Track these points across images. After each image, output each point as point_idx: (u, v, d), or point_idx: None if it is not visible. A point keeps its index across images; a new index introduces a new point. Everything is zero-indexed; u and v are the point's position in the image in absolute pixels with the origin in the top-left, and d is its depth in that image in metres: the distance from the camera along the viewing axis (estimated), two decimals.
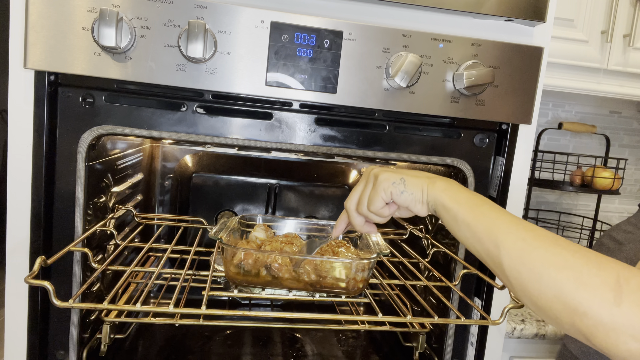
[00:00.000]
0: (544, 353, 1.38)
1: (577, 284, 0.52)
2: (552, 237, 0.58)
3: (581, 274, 0.52)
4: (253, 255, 0.85)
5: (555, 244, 0.56)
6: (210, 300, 0.83)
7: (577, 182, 1.85)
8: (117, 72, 0.84)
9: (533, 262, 0.56)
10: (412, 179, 0.72)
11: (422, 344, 1.12)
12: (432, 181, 0.71)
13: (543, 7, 0.92)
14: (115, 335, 1.05)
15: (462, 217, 0.65)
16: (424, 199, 0.71)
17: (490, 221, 0.62)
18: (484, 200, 0.66)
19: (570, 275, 0.53)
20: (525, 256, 0.57)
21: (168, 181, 1.42)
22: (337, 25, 0.88)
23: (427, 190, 0.70)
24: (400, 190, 0.71)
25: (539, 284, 0.55)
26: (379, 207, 0.73)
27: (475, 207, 0.65)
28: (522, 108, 0.97)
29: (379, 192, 0.72)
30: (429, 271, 1.17)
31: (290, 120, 0.94)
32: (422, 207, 0.71)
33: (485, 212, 0.63)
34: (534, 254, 0.56)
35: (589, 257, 0.54)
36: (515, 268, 0.57)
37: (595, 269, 0.52)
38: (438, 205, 0.68)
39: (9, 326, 0.89)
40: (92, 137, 0.88)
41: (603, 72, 1.58)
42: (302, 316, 0.89)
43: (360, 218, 0.78)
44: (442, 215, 0.68)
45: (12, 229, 0.88)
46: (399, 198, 0.71)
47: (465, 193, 0.68)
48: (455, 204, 0.66)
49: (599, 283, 0.51)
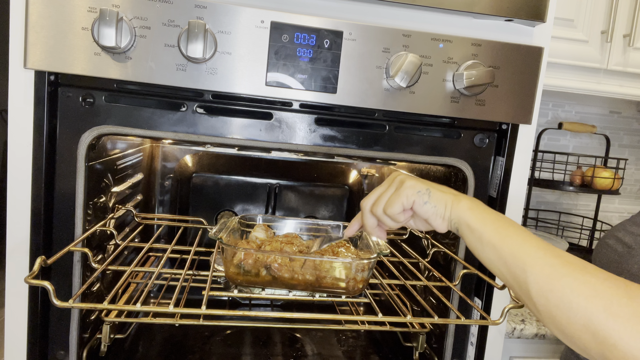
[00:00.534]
0: (544, 353, 1.38)
1: (607, 314, 0.51)
2: (581, 264, 0.56)
3: (611, 304, 0.51)
4: (253, 255, 0.85)
5: (584, 271, 0.55)
6: (210, 300, 0.82)
7: (577, 182, 1.85)
8: (117, 72, 0.84)
9: (562, 290, 0.54)
10: (438, 192, 0.70)
11: (422, 344, 1.12)
12: (458, 199, 0.69)
13: (543, 7, 0.92)
14: (115, 335, 1.05)
15: (487, 239, 0.63)
16: (446, 215, 0.69)
17: (517, 244, 0.60)
18: (510, 222, 0.64)
19: (600, 305, 0.51)
20: (553, 283, 0.55)
21: (168, 181, 1.42)
22: (337, 25, 0.88)
23: (451, 206, 0.69)
24: (424, 201, 0.70)
25: (568, 312, 0.53)
26: (397, 211, 0.71)
27: (501, 229, 0.63)
28: (522, 108, 0.97)
29: (401, 196, 0.71)
30: (429, 271, 1.17)
31: (290, 120, 0.94)
32: (443, 222, 0.69)
33: (512, 235, 0.62)
34: (563, 281, 0.55)
35: (619, 285, 0.52)
36: (543, 295, 0.56)
37: (626, 299, 0.51)
38: (462, 224, 0.67)
39: (9, 326, 0.89)
40: (92, 137, 0.88)
41: (603, 72, 1.58)
42: (302, 316, 0.89)
43: (373, 220, 0.76)
44: (466, 234, 0.67)
45: (12, 229, 0.88)
46: (420, 208, 0.70)
47: (492, 214, 0.66)
48: (481, 224, 0.65)
49: (630, 314, 0.50)
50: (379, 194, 0.75)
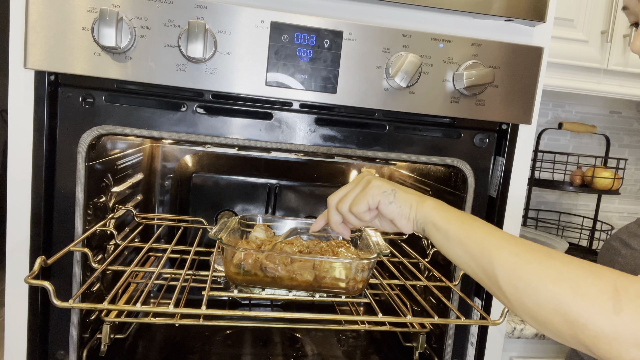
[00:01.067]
0: (544, 353, 1.38)
1: (575, 295, 0.51)
2: (545, 250, 0.57)
3: (578, 285, 0.51)
4: (253, 255, 0.85)
5: (549, 257, 0.56)
6: (210, 300, 0.83)
7: (577, 182, 1.85)
8: (117, 72, 0.84)
9: (529, 276, 0.55)
10: (403, 193, 0.72)
11: (422, 344, 1.12)
12: (422, 199, 0.71)
13: (543, 7, 0.92)
14: (115, 335, 1.05)
15: (453, 235, 0.64)
16: (411, 215, 0.70)
17: (482, 237, 0.62)
18: (474, 218, 0.66)
19: (567, 287, 0.52)
20: (520, 270, 0.56)
21: (168, 181, 1.42)
22: (337, 25, 0.88)
23: (416, 207, 0.70)
24: (389, 201, 0.71)
25: (537, 297, 0.54)
26: (362, 210, 0.73)
27: (466, 225, 0.64)
28: (522, 108, 0.97)
29: (367, 195, 0.72)
30: (429, 271, 1.17)
31: (290, 120, 0.94)
32: (408, 223, 0.71)
33: (476, 229, 0.63)
34: (529, 268, 0.55)
35: (584, 266, 0.53)
36: (511, 283, 0.57)
37: (591, 278, 0.51)
38: (428, 223, 0.68)
39: (9, 326, 0.89)
40: (92, 137, 0.88)
41: (603, 72, 1.58)
42: (302, 316, 0.89)
43: (337, 216, 0.78)
44: (432, 234, 0.68)
45: (12, 229, 0.88)
46: (386, 208, 0.71)
47: (455, 212, 0.68)
48: (445, 222, 0.66)
49: (596, 292, 0.50)
50: (345, 192, 0.76)
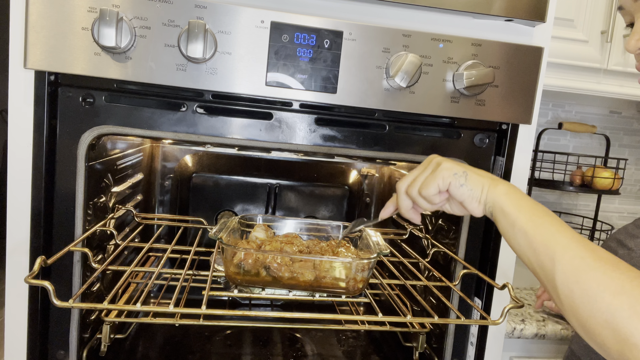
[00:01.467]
0: (544, 353, 1.38)
1: (632, 313, 0.49)
2: (614, 260, 0.55)
3: (637, 303, 0.50)
4: (253, 255, 0.85)
5: (615, 268, 0.53)
6: (210, 300, 0.82)
7: (577, 182, 1.85)
8: (117, 72, 0.84)
9: (588, 283, 0.53)
10: (475, 175, 0.70)
11: (422, 344, 1.12)
12: (495, 182, 0.68)
13: (543, 7, 0.92)
14: (115, 335, 1.05)
15: (520, 225, 0.62)
16: (482, 198, 0.68)
17: (550, 234, 0.60)
18: (546, 212, 0.63)
19: (625, 302, 0.50)
20: (581, 275, 0.54)
21: (168, 181, 1.42)
22: (337, 25, 0.88)
23: (487, 190, 0.68)
24: (460, 183, 0.69)
25: (591, 306, 0.52)
26: (433, 192, 0.70)
27: (535, 217, 0.62)
28: (522, 108, 0.97)
29: (437, 178, 0.70)
30: (429, 271, 1.17)
31: (290, 120, 0.94)
32: (479, 206, 0.69)
33: (546, 224, 0.61)
34: (591, 275, 0.54)
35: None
36: (568, 286, 0.55)
37: None
38: (497, 208, 0.66)
39: (9, 326, 0.89)
40: (92, 137, 0.88)
41: (603, 72, 1.58)
42: (302, 316, 0.89)
43: (408, 201, 0.76)
44: (499, 219, 0.66)
45: (12, 229, 0.88)
46: (457, 190, 0.69)
47: (528, 201, 0.65)
48: (515, 210, 0.64)
49: None
50: (415, 176, 0.74)
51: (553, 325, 1.32)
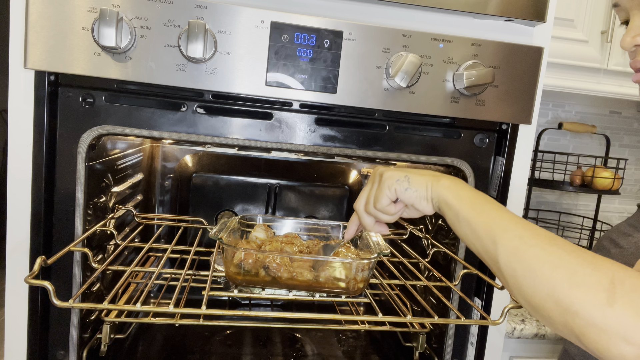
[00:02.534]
0: (544, 353, 1.38)
1: (571, 283, 0.51)
2: (550, 237, 0.57)
3: (575, 274, 0.52)
4: (253, 255, 0.85)
5: (552, 243, 0.56)
6: (210, 300, 0.82)
7: (577, 182, 1.85)
8: (117, 72, 0.84)
9: (528, 260, 0.56)
10: (417, 176, 0.72)
11: (422, 344, 1.12)
12: (437, 179, 0.71)
13: (543, 7, 0.92)
14: (115, 335, 1.05)
15: (463, 214, 0.65)
16: (428, 196, 0.71)
17: (490, 219, 0.62)
18: (486, 199, 0.66)
19: (564, 274, 0.52)
20: (521, 253, 0.57)
21: (168, 181, 1.42)
22: (337, 25, 0.88)
23: (431, 187, 0.71)
24: (404, 188, 0.72)
25: (533, 281, 0.54)
26: (385, 204, 0.74)
27: (477, 205, 0.65)
28: (522, 108, 0.97)
29: (383, 189, 0.73)
30: (429, 271, 1.17)
31: (290, 120, 0.94)
32: (427, 204, 0.71)
33: (486, 211, 0.64)
34: (530, 252, 0.56)
35: (585, 257, 0.53)
36: (510, 265, 0.57)
37: (590, 269, 0.51)
38: (442, 202, 0.69)
39: (9, 326, 0.89)
40: (92, 137, 0.88)
41: (603, 72, 1.58)
42: (302, 316, 0.89)
43: (369, 218, 0.78)
44: (445, 212, 0.69)
45: (12, 229, 0.88)
46: (403, 195, 0.72)
47: (469, 191, 0.68)
48: (457, 201, 0.67)
49: (592, 283, 0.50)
50: (367, 193, 0.77)
51: None
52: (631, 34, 0.72)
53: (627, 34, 0.73)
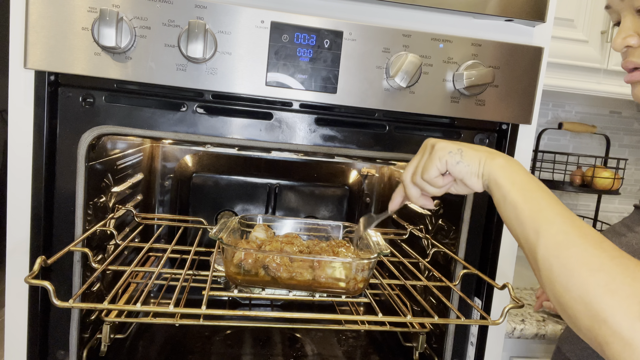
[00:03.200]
0: (544, 353, 1.38)
1: (606, 290, 0.50)
2: (598, 238, 0.55)
3: (613, 281, 0.50)
4: (253, 255, 0.85)
5: (597, 246, 0.53)
6: (210, 300, 0.83)
7: (577, 182, 1.85)
8: (117, 72, 0.84)
9: (568, 258, 0.54)
10: (471, 151, 0.69)
11: (422, 344, 1.12)
12: (492, 156, 0.68)
13: (543, 7, 0.92)
14: (115, 335, 1.05)
15: (511, 198, 0.62)
16: (480, 172, 0.68)
17: (538, 207, 0.60)
18: (540, 187, 0.63)
19: (601, 279, 0.50)
20: (561, 250, 0.55)
21: (168, 181, 1.42)
22: (337, 25, 0.88)
23: (484, 163, 0.68)
24: (456, 160, 0.69)
25: (567, 280, 0.53)
26: (433, 175, 0.71)
27: (527, 191, 0.62)
28: (522, 108, 0.97)
29: (434, 160, 0.70)
30: (429, 271, 1.17)
31: (290, 120, 0.94)
32: (478, 181, 0.68)
33: (536, 198, 0.61)
34: (571, 251, 0.54)
35: (628, 265, 0.51)
36: (548, 260, 0.55)
37: (630, 279, 0.50)
38: (492, 181, 0.66)
39: (9, 326, 0.89)
40: (92, 137, 0.88)
41: (603, 72, 1.58)
42: (302, 316, 0.89)
43: (415, 189, 0.76)
44: (493, 192, 0.66)
45: (12, 229, 0.88)
46: (454, 168, 0.69)
47: (524, 175, 0.65)
48: (508, 182, 0.64)
49: (628, 293, 0.49)
50: (416, 163, 0.74)
51: (553, 325, 1.32)
52: (622, 35, 0.72)
53: (618, 35, 0.73)
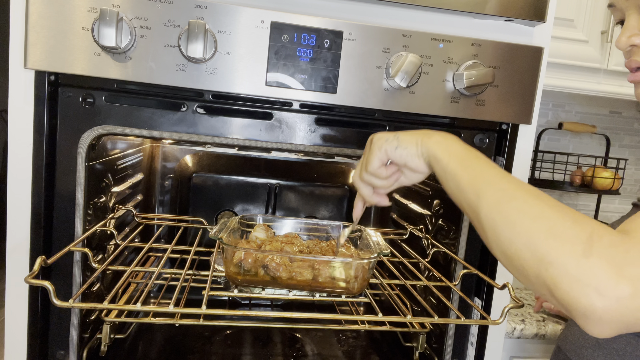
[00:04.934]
0: (544, 353, 1.38)
1: (548, 234, 0.52)
2: (534, 191, 0.57)
3: (555, 226, 0.52)
4: (253, 255, 0.85)
5: (535, 197, 0.56)
6: (210, 300, 0.83)
7: (577, 182, 1.85)
8: (117, 72, 0.84)
9: (509, 211, 0.56)
10: (406, 136, 0.72)
11: (422, 344, 1.12)
12: (428, 135, 0.70)
13: (543, 7, 0.92)
14: (115, 335, 1.05)
15: (450, 169, 0.65)
16: (419, 152, 0.70)
17: (476, 173, 0.62)
18: (476, 155, 0.66)
19: (543, 225, 0.52)
20: (502, 205, 0.57)
21: (168, 181, 1.42)
22: (337, 25, 0.88)
23: (421, 143, 0.70)
24: (394, 146, 0.71)
25: (511, 231, 0.55)
26: (376, 166, 0.73)
27: (465, 160, 0.65)
28: (522, 108, 0.97)
29: (374, 150, 0.73)
30: (429, 271, 1.17)
31: (290, 120, 0.94)
32: (419, 161, 0.71)
33: (474, 165, 0.64)
34: (512, 204, 0.56)
35: (567, 212, 0.53)
36: (490, 216, 0.57)
37: (570, 223, 0.52)
38: (431, 157, 0.68)
39: (9, 326, 0.89)
40: (92, 137, 0.88)
41: (603, 72, 1.58)
42: (302, 316, 0.89)
43: (367, 187, 0.78)
44: (434, 167, 0.68)
45: (12, 229, 0.88)
46: (393, 154, 0.72)
47: (460, 147, 0.68)
48: (446, 155, 0.66)
49: (570, 235, 0.51)
50: (361, 160, 0.77)
51: (553, 325, 1.32)
52: (627, 33, 0.72)
53: (622, 34, 0.73)
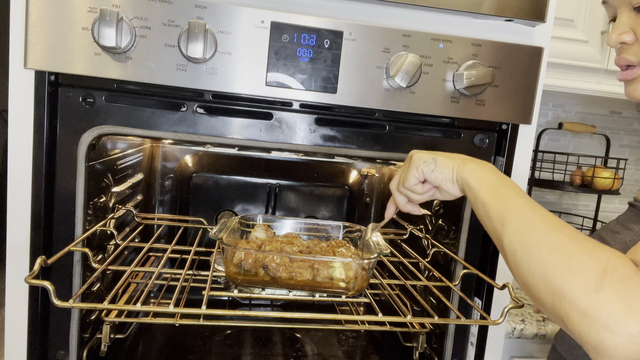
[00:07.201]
0: (544, 353, 1.38)
1: (563, 267, 0.53)
2: (558, 223, 0.58)
3: (570, 258, 0.53)
4: (253, 255, 0.85)
5: (556, 229, 0.57)
6: (210, 300, 0.83)
7: (577, 182, 1.85)
8: (117, 72, 0.84)
9: (529, 242, 0.58)
10: (444, 159, 0.75)
11: (422, 344, 1.12)
12: (464, 162, 0.73)
13: (543, 7, 0.92)
14: (115, 335, 1.05)
15: (480, 197, 0.68)
16: (454, 178, 0.74)
17: (504, 202, 0.64)
18: (507, 184, 0.68)
19: (559, 258, 0.54)
20: (523, 235, 0.59)
21: (168, 181, 1.42)
22: (337, 25, 0.88)
23: (457, 169, 0.73)
24: (430, 169, 0.75)
25: (529, 262, 0.56)
26: (412, 183, 0.77)
27: (495, 189, 0.67)
28: (522, 108, 0.97)
29: (411, 169, 0.76)
30: (429, 271, 1.17)
31: (291, 120, 0.94)
32: (453, 186, 0.74)
33: (503, 194, 0.66)
34: (532, 235, 0.58)
35: (585, 244, 0.54)
36: (512, 246, 0.60)
37: (586, 256, 0.53)
38: (465, 184, 0.72)
39: (9, 326, 0.89)
40: (92, 137, 0.88)
41: (603, 72, 1.58)
42: (302, 316, 0.89)
43: (402, 197, 0.82)
44: (467, 193, 0.72)
45: (12, 229, 0.88)
46: (429, 176, 0.75)
47: (493, 176, 0.70)
48: (478, 183, 0.69)
49: (585, 269, 0.52)
50: (399, 173, 0.81)
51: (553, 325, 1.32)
52: (617, 31, 0.73)
53: (613, 31, 0.74)
